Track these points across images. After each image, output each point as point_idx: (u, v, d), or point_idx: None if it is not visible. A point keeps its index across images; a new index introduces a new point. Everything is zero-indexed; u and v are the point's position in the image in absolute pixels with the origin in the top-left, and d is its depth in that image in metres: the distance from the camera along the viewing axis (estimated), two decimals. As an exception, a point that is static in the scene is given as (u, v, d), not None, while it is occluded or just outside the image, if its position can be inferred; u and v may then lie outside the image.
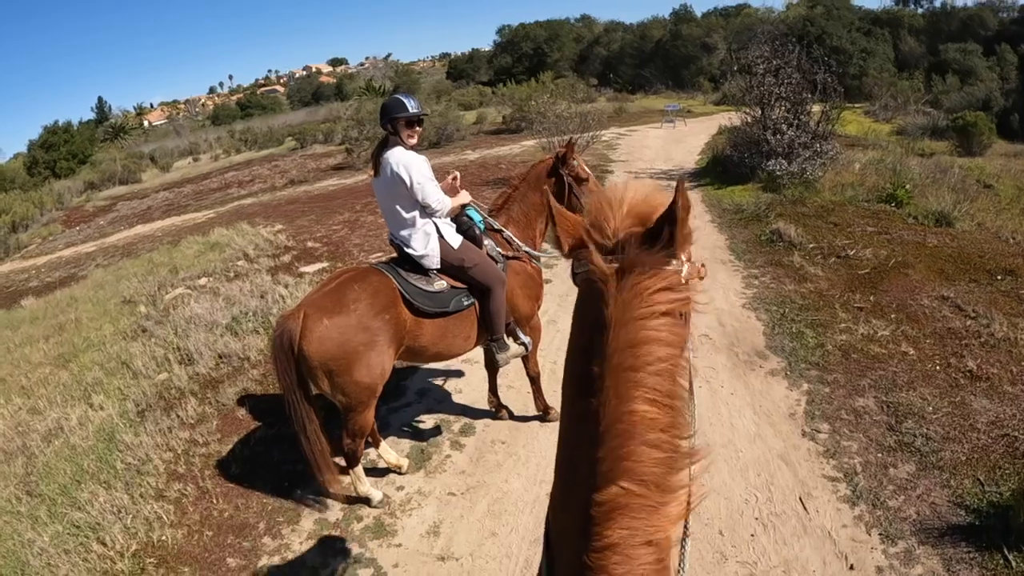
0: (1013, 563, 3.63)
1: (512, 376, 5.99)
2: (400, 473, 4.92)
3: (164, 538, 4.52)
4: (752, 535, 4.05)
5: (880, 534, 3.96)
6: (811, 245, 8.68)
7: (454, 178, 4.83)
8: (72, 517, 4.79)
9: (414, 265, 4.40)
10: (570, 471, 1.40)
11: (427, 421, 5.67)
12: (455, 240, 4.46)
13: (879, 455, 4.61)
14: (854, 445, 4.76)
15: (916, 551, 3.82)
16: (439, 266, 4.41)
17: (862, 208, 10.28)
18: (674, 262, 1.34)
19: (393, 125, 4.28)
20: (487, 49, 68.10)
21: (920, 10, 49.37)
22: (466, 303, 4.47)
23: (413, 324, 4.29)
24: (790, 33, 21.72)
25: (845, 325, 6.44)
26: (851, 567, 3.76)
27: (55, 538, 4.60)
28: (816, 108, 12.96)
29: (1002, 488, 4.16)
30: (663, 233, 1.33)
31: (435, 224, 4.41)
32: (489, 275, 4.44)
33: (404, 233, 4.40)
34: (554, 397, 5.59)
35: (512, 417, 5.54)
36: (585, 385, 1.30)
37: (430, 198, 4.27)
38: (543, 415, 5.36)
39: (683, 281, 1.35)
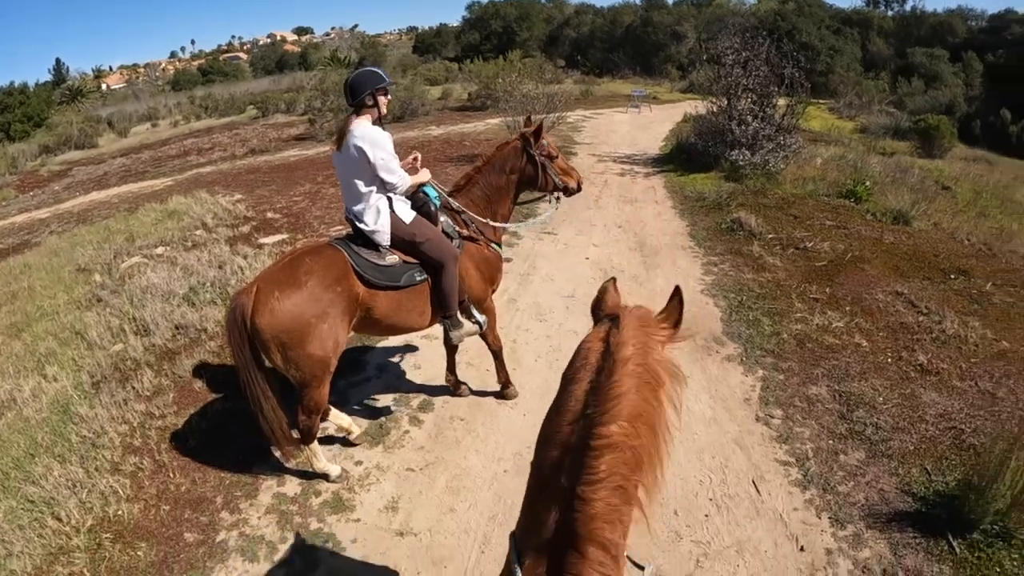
0: (957, 549, 3.80)
1: (472, 354, 6.02)
2: (349, 438, 4.92)
3: (120, 513, 4.46)
4: (706, 515, 4.16)
5: (830, 518, 4.09)
6: (770, 235, 8.82)
7: (415, 159, 4.80)
8: (26, 492, 4.70)
9: (367, 240, 4.40)
10: (557, 421, 1.67)
11: (386, 397, 5.66)
12: (407, 215, 4.45)
13: (830, 442, 4.76)
14: (806, 431, 4.89)
15: (864, 535, 3.96)
16: (389, 242, 4.40)
17: (822, 202, 10.46)
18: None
19: (374, 96, 4.28)
20: (455, 25, 67.42)
21: (890, 12, 50.08)
22: (418, 278, 4.48)
23: (366, 296, 4.30)
24: (760, 26, 21.93)
25: (801, 315, 6.58)
26: (801, 549, 3.88)
27: (8, 513, 4.52)
28: (782, 102, 13.10)
29: (948, 478, 4.32)
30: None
31: (388, 199, 4.40)
32: (441, 250, 4.44)
33: (357, 208, 4.39)
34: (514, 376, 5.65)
35: (472, 393, 5.58)
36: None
37: (390, 175, 4.26)
38: (502, 388, 5.42)
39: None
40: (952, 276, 7.50)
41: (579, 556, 1.47)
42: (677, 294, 1.81)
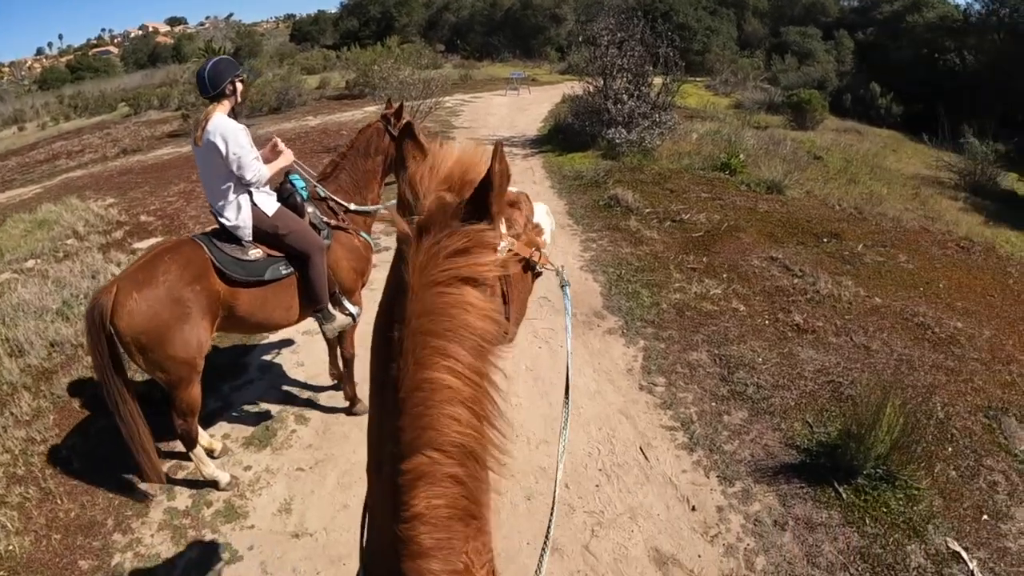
0: (843, 495, 4.10)
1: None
2: (214, 456, 4.80)
3: (11, 547, 4.24)
4: (597, 486, 4.31)
5: (718, 476, 4.32)
6: (648, 210, 9.09)
7: (273, 146, 4.66)
8: (-92, 536, 4.44)
9: (230, 235, 4.31)
10: (379, 439, 1.37)
11: (270, 397, 5.59)
12: (270, 207, 4.36)
13: (713, 404, 5.01)
14: (689, 396, 5.13)
15: (753, 489, 4.21)
16: (251, 236, 4.32)
17: (698, 176, 10.85)
18: (489, 233, 1.29)
19: (233, 84, 4.19)
20: (334, 12, 66.12)
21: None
22: (284, 272, 4.39)
23: (228, 294, 4.20)
24: (637, 8, 22.32)
25: (679, 285, 6.84)
26: (693, 508, 4.09)
27: None
28: (658, 80, 13.46)
29: (829, 429, 4.64)
30: (477, 201, 1.29)
31: (248, 193, 4.31)
32: (306, 242, 4.37)
33: (219, 203, 4.29)
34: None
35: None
36: (387, 349, 1.30)
37: (245, 169, 4.16)
38: (350, 406, 5.25)
39: (497, 251, 1.33)
40: (825, 240, 7.95)
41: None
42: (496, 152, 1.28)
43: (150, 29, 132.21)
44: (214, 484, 4.52)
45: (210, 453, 4.77)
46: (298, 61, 39.39)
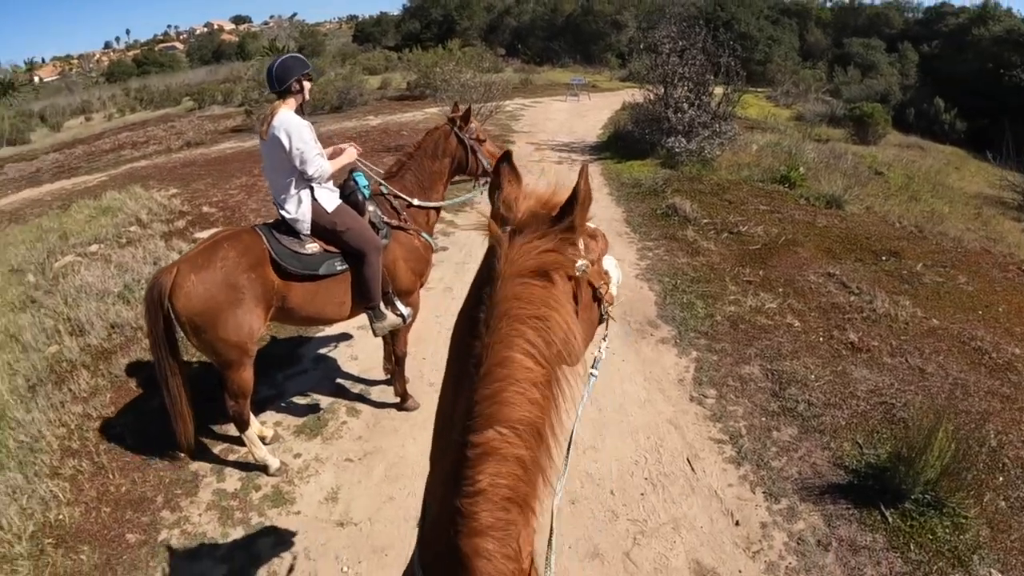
0: (889, 519, 3.98)
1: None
2: (265, 443, 4.89)
3: (61, 517, 4.39)
4: (642, 494, 4.27)
5: (764, 492, 4.24)
6: (705, 220, 8.99)
7: (339, 151, 4.73)
8: (-35, 501, 4.60)
9: (289, 227, 4.39)
10: (449, 413, 1.45)
11: (323, 388, 5.67)
12: (330, 203, 4.41)
13: (763, 419, 4.92)
14: (739, 410, 5.05)
15: (798, 508, 4.11)
16: (309, 230, 4.39)
17: (757, 188, 10.70)
18: (570, 248, 1.42)
19: (300, 82, 4.26)
20: (396, 14, 66.75)
21: (828, 3, 51.17)
22: (339, 268, 4.44)
23: (282, 285, 4.29)
24: (699, 16, 22.14)
25: (734, 297, 6.75)
26: (736, 523, 4.02)
27: (-51, 524, 4.43)
28: (718, 90, 13.32)
29: (879, 451, 4.51)
30: (562, 212, 1.42)
31: (310, 188, 4.37)
32: (363, 240, 4.40)
33: (281, 196, 4.38)
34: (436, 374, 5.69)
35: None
36: (473, 328, 1.37)
37: (308, 164, 4.23)
38: (401, 401, 5.28)
39: (574, 267, 1.44)
40: (883, 258, 7.76)
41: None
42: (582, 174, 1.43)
43: (215, 27, 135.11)
44: (264, 468, 4.61)
45: (261, 439, 4.85)
46: (360, 61, 39.83)
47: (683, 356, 5.83)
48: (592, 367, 1.93)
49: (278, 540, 4.09)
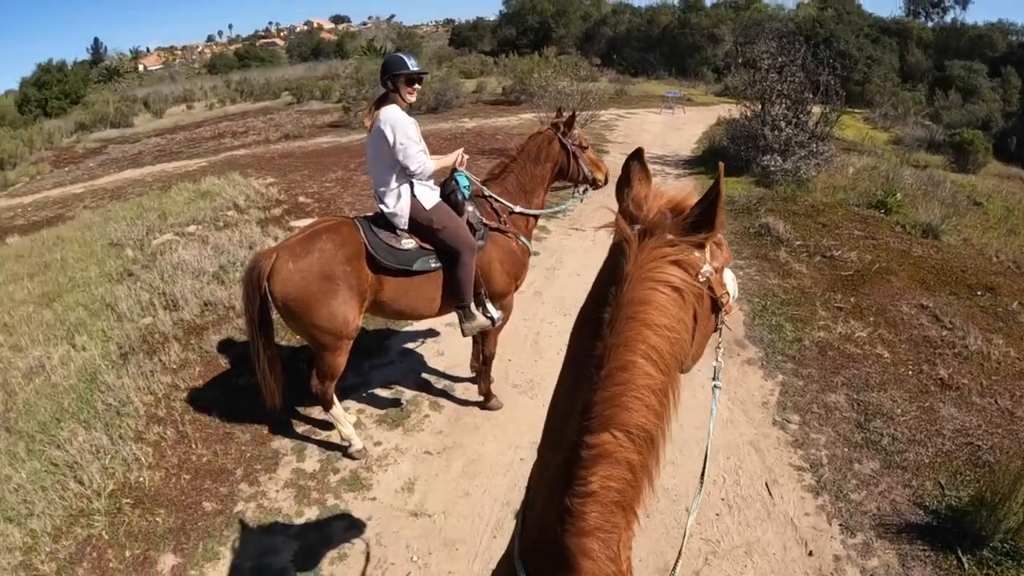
0: (966, 565, 3.78)
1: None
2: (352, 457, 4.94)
3: (141, 479, 4.59)
4: (717, 515, 4.18)
5: (840, 525, 4.09)
6: (798, 242, 8.76)
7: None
8: (50, 455, 4.85)
9: (387, 222, 4.45)
10: (565, 410, 1.44)
11: (408, 380, 5.74)
12: (429, 201, 4.45)
13: (846, 450, 4.74)
14: (822, 438, 4.88)
15: (874, 544, 3.95)
16: (406, 225, 4.44)
17: (852, 211, 10.36)
18: (697, 252, 1.42)
19: (393, 82, 4.31)
20: (492, 19, 67.36)
21: (930, 24, 49.36)
22: (432, 265, 4.48)
23: (375, 278, 4.37)
24: (798, 32, 21.63)
25: (824, 323, 6.54)
26: (810, 553, 3.89)
27: (32, 475, 4.66)
28: (816, 109, 12.99)
29: (961, 493, 4.28)
30: (695, 214, 1.41)
31: (410, 184, 4.41)
32: (459, 240, 4.41)
33: (381, 189, 4.44)
34: (528, 377, 5.68)
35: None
36: (595, 328, 1.36)
37: (410, 160, 4.28)
38: (484, 400, 5.30)
39: (699, 274, 1.41)
40: (979, 292, 7.42)
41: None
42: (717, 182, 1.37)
43: (315, 25, 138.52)
44: (346, 448, 4.72)
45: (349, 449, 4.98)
46: (456, 65, 40.30)
47: (769, 379, 5.69)
48: (715, 378, 1.88)
49: (351, 524, 4.16)
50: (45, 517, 4.27)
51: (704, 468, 1.77)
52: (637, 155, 1.63)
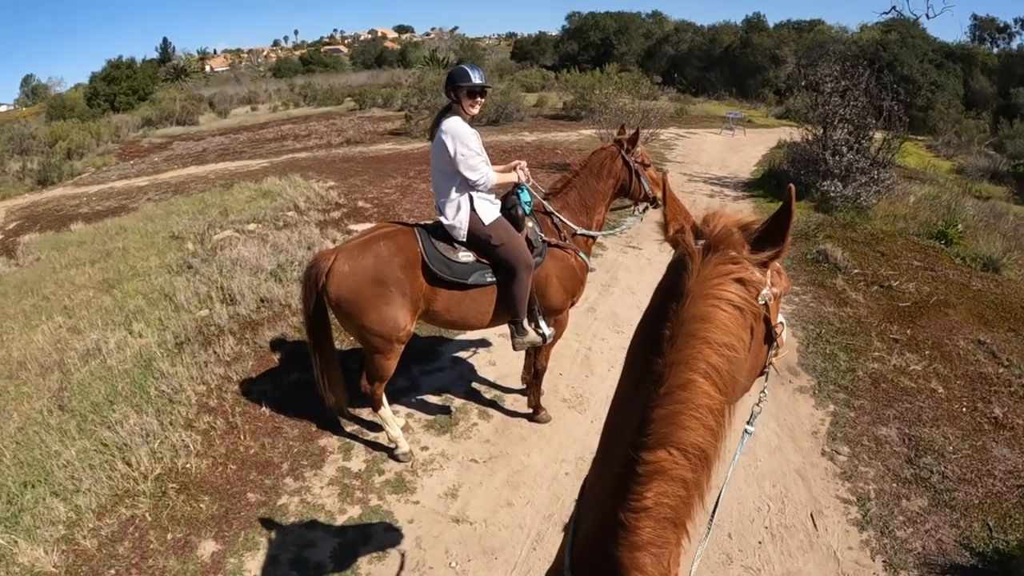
0: (1010, 611, 3.68)
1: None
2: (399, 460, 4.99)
3: (188, 466, 4.72)
4: (760, 542, 4.12)
5: (884, 561, 4.01)
6: (856, 271, 8.60)
7: (515, 165, 4.77)
8: (101, 435, 5.03)
9: (446, 233, 4.48)
10: (620, 424, 1.45)
11: (457, 388, 5.79)
12: (488, 215, 4.45)
13: (894, 485, 4.64)
14: (871, 471, 4.78)
15: (916, 584, 3.85)
16: (464, 238, 4.45)
17: (911, 241, 10.14)
18: (759, 273, 1.42)
19: (456, 93, 4.33)
20: (554, 34, 67.44)
21: (995, 50, 47.95)
22: (488, 280, 4.48)
23: (428, 289, 4.40)
24: (861, 56, 21.22)
25: (879, 354, 6.41)
26: (851, 588, 3.81)
27: (82, 453, 4.83)
28: (878, 135, 12.73)
29: (1009, 537, 4.19)
30: (763, 229, 1.45)
31: (470, 196, 4.42)
32: (516, 257, 4.40)
33: (441, 200, 4.48)
34: (581, 391, 5.67)
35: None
36: (654, 344, 1.36)
37: (471, 171, 4.29)
38: (533, 412, 5.31)
39: (760, 295, 1.42)
40: (1039, 331, 7.21)
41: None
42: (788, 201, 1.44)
43: (379, 34, 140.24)
44: (392, 449, 4.79)
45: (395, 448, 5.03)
46: (517, 78, 40.35)
47: (820, 408, 5.59)
48: (749, 422, 1.85)
49: (392, 525, 4.21)
50: (91, 494, 4.43)
51: (714, 511, 1.72)
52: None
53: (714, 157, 18.18)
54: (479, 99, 4.43)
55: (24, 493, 4.54)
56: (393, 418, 4.83)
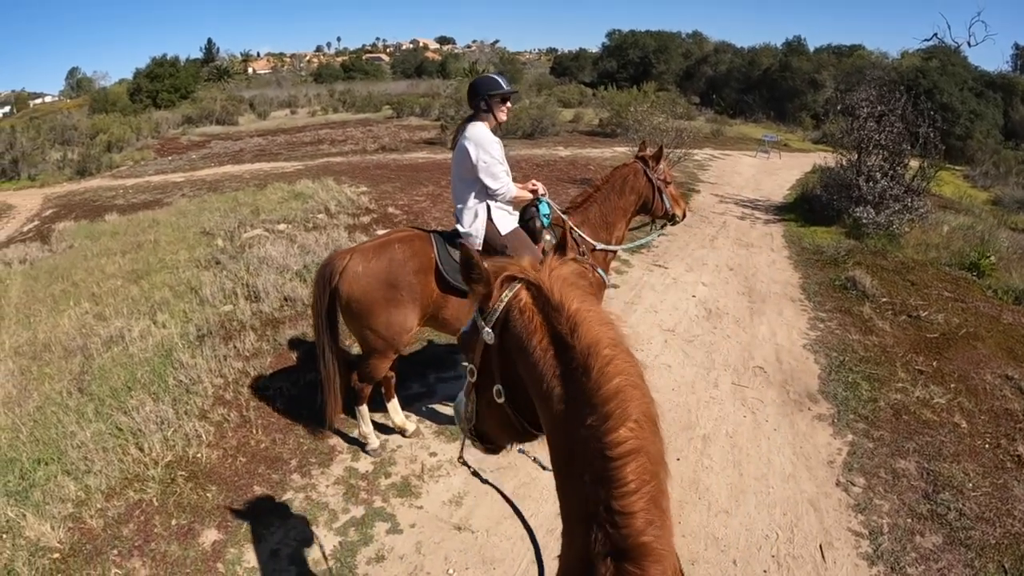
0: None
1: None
2: (404, 436, 5.09)
3: (199, 455, 4.78)
4: (764, 571, 4.03)
5: (892, 598, 3.89)
6: (884, 299, 8.46)
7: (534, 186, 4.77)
8: (116, 420, 5.11)
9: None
10: (568, 434, 1.50)
11: (473, 397, 5.75)
12: (505, 226, 4.47)
13: (909, 520, 4.52)
14: (886, 505, 4.67)
15: (925, 624, 3.76)
16: (480, 246, 4.45)
17: (942, 271, 9.97)
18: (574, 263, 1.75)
19: (487, 102, 4.36)
20: (594, 51, 67.59)
21: (1037, 79, 47.07)
22: None
23: (440, 295, 4.41)
24: (900, 81, 20.98)
25: (902, 385, 6.28)
26: (856, 625, 3.74)
27: (96, 435, 4.92)
28: (914, 162, 12.56)
29: (1024, 579, 4.05)
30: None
31: (488, 205, 4.44)
32: None
33: (459, 207, 4.51)
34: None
35: None
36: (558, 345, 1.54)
37: (492, 178, 4.31)
38: None
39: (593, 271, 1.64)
40: (1069, 369, 7.03)
41: None
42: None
43: (420, 44, 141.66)
44: (364, 445, 4.87)
45: (402, 432, 5.08)
46: (555, 93, 40.52)
47: (838, 437, 5.48)
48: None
49: (394, 527, 4.21)
50: (102, 476, 4.51)
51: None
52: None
53: (747, 179, 18.10)
54: (508, 104, 4.50)
55: (37, 470, 4.63)
56: (368, 417, 4.86)
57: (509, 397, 1.75)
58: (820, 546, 4.24)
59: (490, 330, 1.69)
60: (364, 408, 4.76)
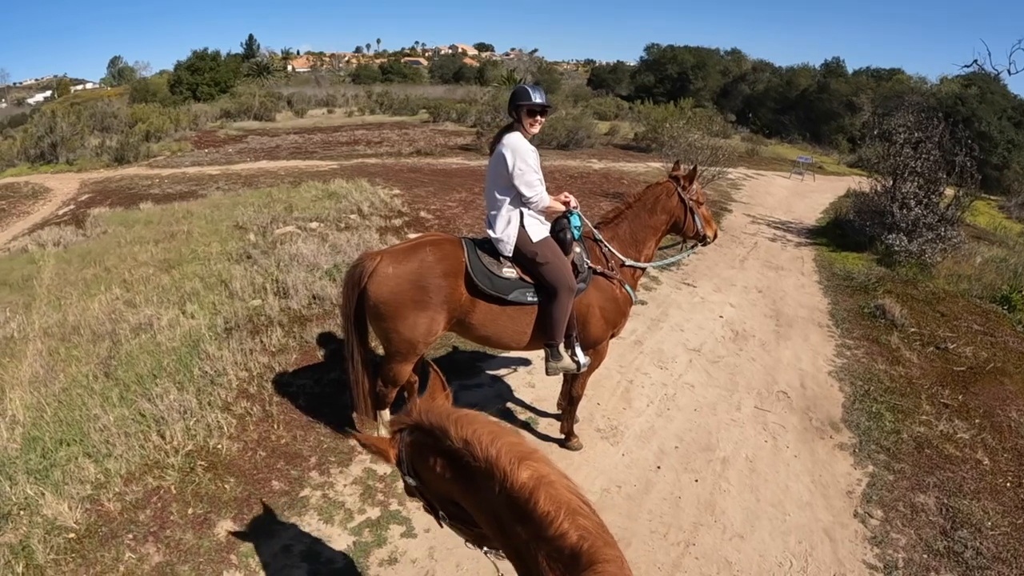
0: None
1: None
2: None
3: (219, 447, 4.84)
4: (777, 598, 4.00)
5: (903, 635, 3.85)
6: (912, 329, 8.36)
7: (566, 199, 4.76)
8: (140, 406, 5.19)
9: (492, 247, 4.50)
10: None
11: (493, 405, 5.78)
12: (536, 234, 4.46)
13: (925, 556, 4.46)
14: (903, 539, 4.61)
15: (933, 664, 3.71)
16: (511, 253, 4.46)
17: (973, 304, 9.82)
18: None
19: (517, 112, 4.38)
20: (632, 64, 67.55)
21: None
22: (529, 299, 4.47)
23: (468, 300, 4.41)
24: (938, 108, 20.68)
25: (926, 418, 6.20)
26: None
27: (119, 420, 5.00)
28: (949, 191, 12.40)
29: (1037, 624, 3.98)
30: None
31: (521, 213, 4.45)
32: (559, 278, 4.38)
33: (492, 213, 4.51)
34: (605, 420, 5.63)
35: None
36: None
37: (526, 186, 4.32)
38: (564, 439, 5.27)
39: None
40: (1098, 409, 6.89)
41: None
42: None
43: (459, 49, 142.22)
44: None
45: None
46: (591, 105, 40.47)
47: (858, 467, 5.42)
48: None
49: (408, 531, 4.23)
50: (122, 460, 4.59)
51: None
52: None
53: (780, 200, 17.97)
54: (539, 118, 4.45)
55: (58, 450, 4.71)
56: (387, 423, 4.85)
57: (451, 515, 2.16)
58: (833, 576, 4.19)
59: (408, 477, 2.14)
60: (387, 413, 4.79)
